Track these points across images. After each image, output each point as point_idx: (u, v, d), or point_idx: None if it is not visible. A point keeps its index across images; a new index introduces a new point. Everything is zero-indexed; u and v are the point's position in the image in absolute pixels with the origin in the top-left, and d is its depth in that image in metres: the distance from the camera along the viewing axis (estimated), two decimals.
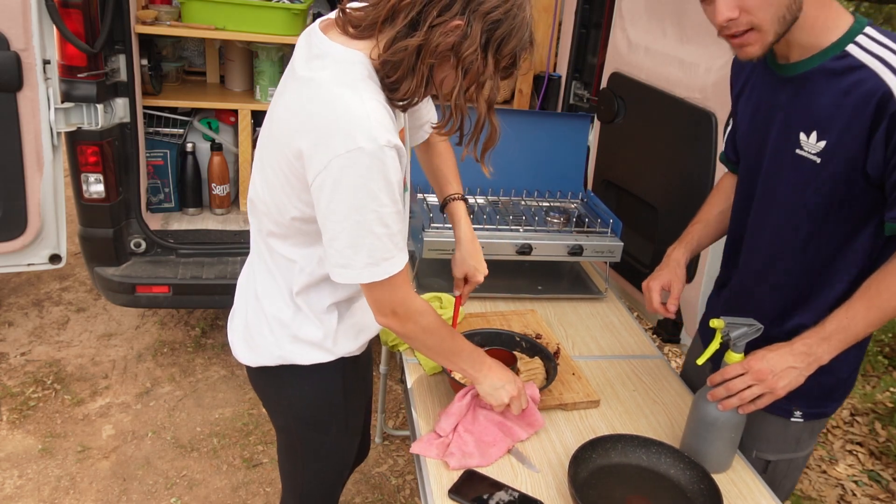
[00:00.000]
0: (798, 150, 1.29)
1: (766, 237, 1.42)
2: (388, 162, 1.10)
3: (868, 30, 1.21)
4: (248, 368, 1.46)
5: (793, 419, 1.46)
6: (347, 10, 1.16)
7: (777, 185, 1.36)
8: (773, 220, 1.39)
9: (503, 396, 1.40)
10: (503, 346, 1.69)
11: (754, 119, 1.41)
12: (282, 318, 1.36)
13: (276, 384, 1.44)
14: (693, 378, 1.75)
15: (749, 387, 1.29)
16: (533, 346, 1.69)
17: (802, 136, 1.28)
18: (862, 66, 1.19)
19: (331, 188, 1.11)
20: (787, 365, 1.27)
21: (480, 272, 1.60)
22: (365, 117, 1.09)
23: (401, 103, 1.18)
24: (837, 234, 1.32)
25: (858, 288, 1.27)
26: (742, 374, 1.30)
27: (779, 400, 1.38)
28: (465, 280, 1.62)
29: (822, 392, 1.43)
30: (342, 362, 1.41)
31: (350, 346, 1.41)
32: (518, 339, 1.72)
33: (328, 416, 1.47)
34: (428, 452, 1.41)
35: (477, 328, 1.75)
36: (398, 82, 1.14)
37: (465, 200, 1.63)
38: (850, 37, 1.21)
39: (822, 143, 1.25)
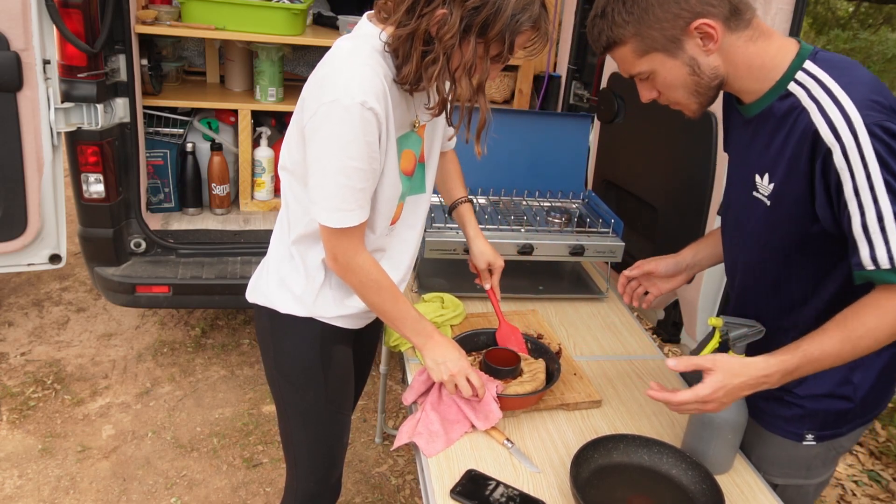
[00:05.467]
0: (754, 192, 1.28)
1: (740, 279, 1.41)
2: (362, 120, 1.21)
3: (807, 64, 1.18)
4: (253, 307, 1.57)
5: (805, 443, 1.38)
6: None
7: (743, 226, 1.35)
8: (744, 261, 1.38)
9: (443, 372, 1.45)
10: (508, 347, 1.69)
11: (730, 160, 1.42)
12: (277, 261, 1.49)
13: (262, 326, 1.55)
14: (693, 380, 1.75)
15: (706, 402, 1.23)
16: (539, 348, 1.69)
17: (757, 177, 1.27)
18: (800, 107, 1.16)
19: (314, 131, 1.25)
20: (741, 393, 1.22)
21: (499, 258, 1.73)
22: (350, 76, 1.21)
23: (405, 86, 1.27)
24: (804, 279, 1.28)
25: (833, 319, 1.19)
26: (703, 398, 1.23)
27: (787, 423, 1.38)
28: (490, 272, 1.73)
29: (834, 416, 1.37)
30: (320, 327, 1.48)
31: (328, 309, 1.47)
32: (525, 339, 1.71)
33: (304, 377, 1.53)
34: (402, 439, 1.46)
35: (482, 328, 1.75)
36: (399, 66, 1.25)
37: (471, 202, 1.77)
38: (791, 73, 1.18)
39: (772, 186, 1.23)
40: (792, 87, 1.18)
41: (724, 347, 1.35)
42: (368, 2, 1.32)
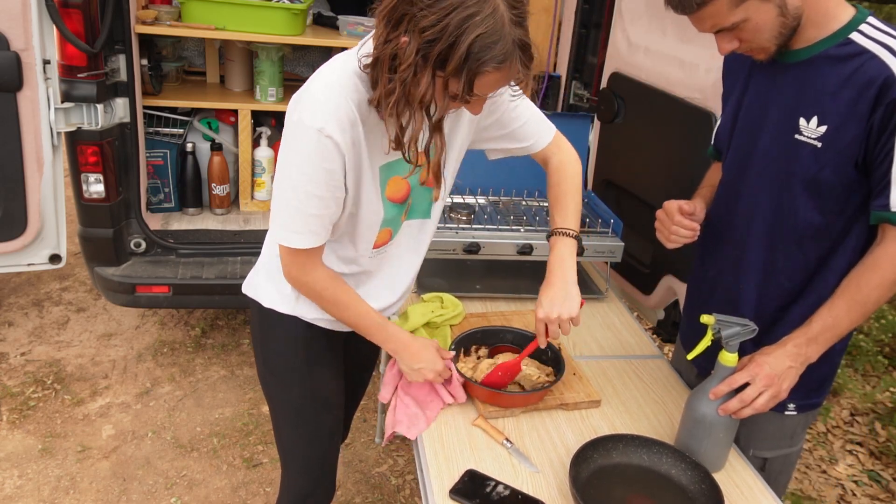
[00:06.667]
0: (797, 136, 1.30)
1: (761, 227, 1.41)
2: (319, 146, 1.18)
3: (870, 19, 1.24)
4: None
5: (787, 412, 1.48)
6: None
7: (774, 171, 1.36)
8: (768, 207, 1.39)
9: (419, 378, 1.49)
10: (515, 345, 1.69)
11: (750, 107, 1.42)
12: (268, 256, 1.49)
13: (253, 322, 1.56)
14: (695, 380, 1.75)
15: (760, 394, 1.30)
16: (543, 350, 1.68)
17: (802, 121, 1.29)
18: (865, 52, 1.21)
19: (281, 144, 1.25)
20: (786, 366, 1.29)
21: (564, 321, 1.42)
22: (316, 99, 1.19)
23: (377, 108, 1.21)
24: (835, 228, 1.32)
25: (838, 289, 1.30)
26: (748, 383, 1.31)
27: None
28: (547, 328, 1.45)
29: (815, 384, 1.46)
30: (304, 325, 1.48)
31: (309, 311, 1.47)
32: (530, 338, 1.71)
33: (289, 374, 1.53)
34: (388, 432, 1.50)
35: (485, 326, 1.75)
36: (372, 88, 1.20)
37: (578, 239, 1.47)
38: (853, 25, 1.24)
39: (823, 128, 1.26)
40: (855, 36, 1.23)
41: (716, 346, 1.35)
42: (369, 2, 1.30)
